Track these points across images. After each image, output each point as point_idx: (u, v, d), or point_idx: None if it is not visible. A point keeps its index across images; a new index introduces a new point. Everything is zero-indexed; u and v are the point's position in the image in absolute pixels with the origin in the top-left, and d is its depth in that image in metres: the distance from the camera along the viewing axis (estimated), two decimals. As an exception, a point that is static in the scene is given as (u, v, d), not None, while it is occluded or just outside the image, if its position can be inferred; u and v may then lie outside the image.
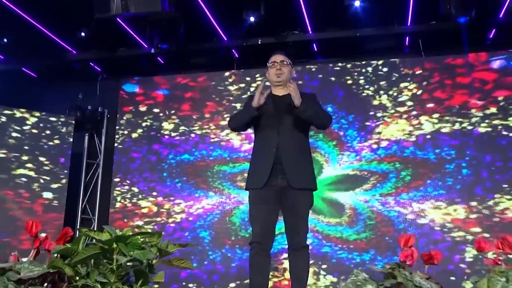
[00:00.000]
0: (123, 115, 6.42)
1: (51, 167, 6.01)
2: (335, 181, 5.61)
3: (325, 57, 6.14)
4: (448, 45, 5.66)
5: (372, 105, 5.73)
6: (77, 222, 6.26)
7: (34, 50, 6.09)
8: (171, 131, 6.23)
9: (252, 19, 5.46)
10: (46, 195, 5.89)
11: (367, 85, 5.80)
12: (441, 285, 1.96)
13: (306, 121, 3.08)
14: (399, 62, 5.80)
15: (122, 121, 6.40)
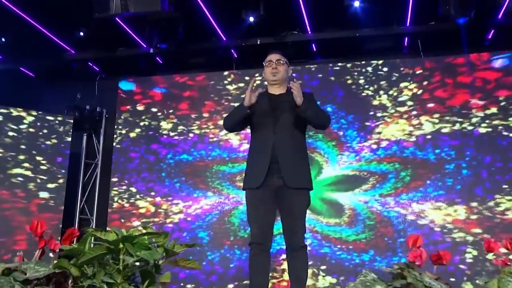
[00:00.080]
0: (121, 114, 6.38)
1: (48, 166, 5.95)
2: (334, 181, 5.60)
3: (324, 57, 6.13)
4: (447, 46, 5.66)
5: (372, 105, 5.72)
6: (75, 222, 6.22)
7: (32, 50, 6.04)
8: (169, 130, 6.20)
9: (251, 19, 5.46)
10: (42, 194, 5.83)
11: (367, 85, 5.79)
12: (450, 286, 1.96)
13: (306, 120, 3.07)
14: (399, 61, 5.79)
15: (120, 120, 6.36)
